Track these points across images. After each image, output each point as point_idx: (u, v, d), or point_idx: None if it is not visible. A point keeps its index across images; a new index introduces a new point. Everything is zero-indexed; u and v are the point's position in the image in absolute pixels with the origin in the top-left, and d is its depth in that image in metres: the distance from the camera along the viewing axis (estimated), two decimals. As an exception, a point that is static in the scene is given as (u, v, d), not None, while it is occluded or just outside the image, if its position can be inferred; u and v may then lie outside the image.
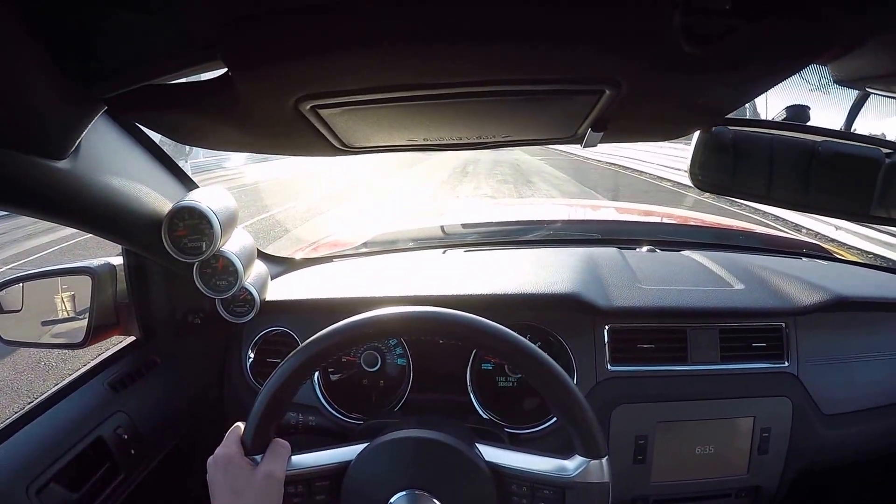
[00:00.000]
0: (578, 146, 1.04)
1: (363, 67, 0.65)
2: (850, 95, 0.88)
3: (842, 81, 0.81)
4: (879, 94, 0.83)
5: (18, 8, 0.54)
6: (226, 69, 0.65)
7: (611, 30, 0.60)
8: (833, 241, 7.93)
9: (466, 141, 1.00)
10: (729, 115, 0.93)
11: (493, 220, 2.26)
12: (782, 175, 1.01)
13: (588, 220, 2.33)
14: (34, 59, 0.60)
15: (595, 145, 0.98)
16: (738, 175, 1.04)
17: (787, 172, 1.01)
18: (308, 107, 0.74)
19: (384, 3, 0.56)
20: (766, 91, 0.79)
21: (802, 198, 1.02)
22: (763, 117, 0.99)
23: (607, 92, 0.73)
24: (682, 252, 1.83)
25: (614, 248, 1.79)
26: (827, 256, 2.05)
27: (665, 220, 2.52)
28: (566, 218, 2.30)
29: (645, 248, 1.85)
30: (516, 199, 11.06)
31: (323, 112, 0.77)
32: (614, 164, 19.06)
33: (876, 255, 7.41)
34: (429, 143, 1.00)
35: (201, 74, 0.69)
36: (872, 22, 0.65)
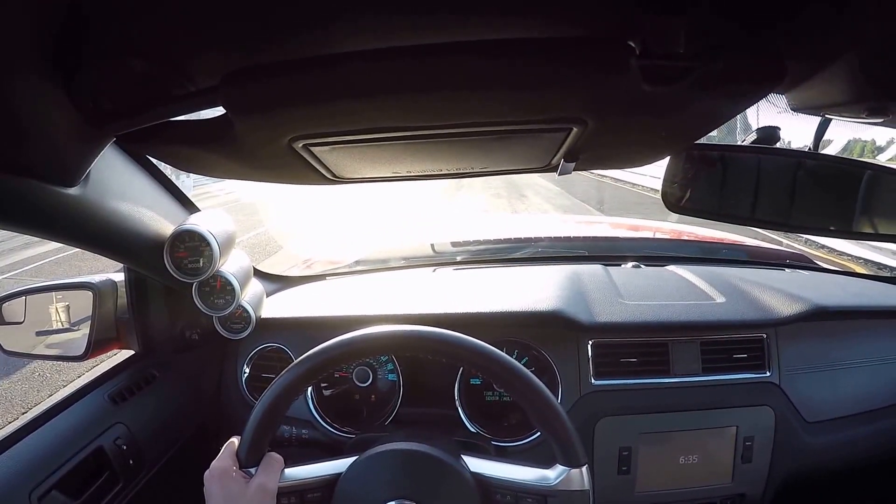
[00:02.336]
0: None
1: (351, 113, 0.69)
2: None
3: (799, 109, 0.85)
4: (839, 119, 0.87)
5: (47, 57, 0.59)
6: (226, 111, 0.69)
7: (573, 75, 0.63)
8: (823, 247, 7.96)
9: (447, 172, 1.03)
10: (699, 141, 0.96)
11: (482, 238, 2.27)
12: (764, 194, 1.03)
13: (575, 238, 2.35)
14: (55, 100, 0.64)
15: (569, 173, 1.00)
16: (714, 196, 1.07)
17: (766, 191, 1.03)
18: (301, 144, 0.78)
19: (369, 57, 0.60)
20: (731, 119, 0.83)
21: (785, 218, 1.04)
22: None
23: (574, 129, 0.77)
24: (666, 267, 1.87)
25: (599, 265, 1.82)
26: (810, 266, 2.09)
27: (651, 236, 2.54)
28: (554, 235, 2.32)
29: (630, 264, 1.88)
30: (506, 215, 10.99)
31: (315, 149, 0.80)
32: (606, 177, 19.00)
33: (867, 259, 7.45)
34: (413, 174, 1.03)
35: (204, 112, 0.74)
36: (820, 55, 0.69)
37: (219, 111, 0.71)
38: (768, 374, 1.45)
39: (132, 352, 1.42)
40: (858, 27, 0.63)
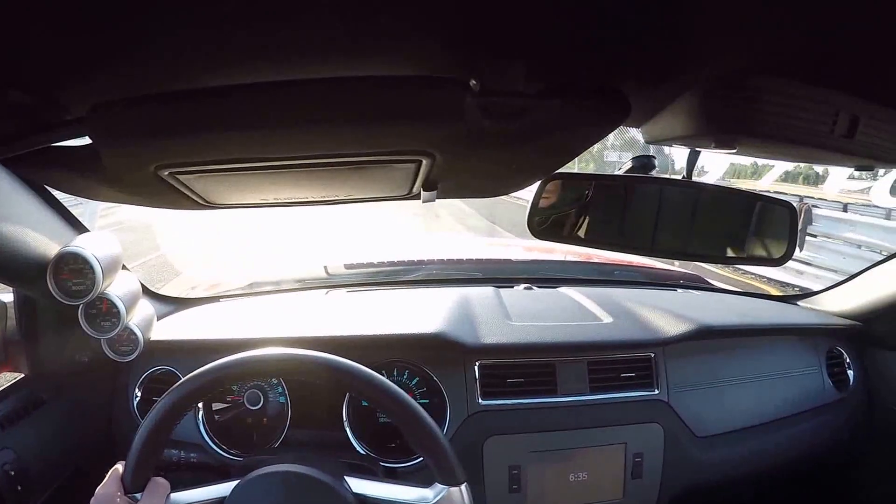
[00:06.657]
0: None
1: (211, 143, 0.72)
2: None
3: (652, 141, 0.90)
4: (695, 150, 0.93)
5: None
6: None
7: (412, 111, 0.67)
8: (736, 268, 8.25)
9: (313, 200, 1.06)
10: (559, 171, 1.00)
11: (376, 261, 2.29)
12: (631, 222, 1.09)
13: (469, 260, 2.39)
14: None
15: (433, 201, 1.03)
16: (577, 223, 1.11)
17: (634, 219, 1.08)
18: (166, 172, 0.79)
19: (228, 92, 0.64)
20: (584, 151, 0.87)
21: (649, 243, 1.10)
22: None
23: (424, 161, 0.80)
24: (558, 289, 1.91)
25: (491, 287, 1.85)
26: (702, 287, 2.18)
27: (546, 258, 2.56)
28: (448, 258, 2.37)
29: (522, 286, 1.92)
30: (403, 236, 11.01)
31: (181, 177, 0.82)
32: (521, 199, 19.12)
33: (770, 278, 7.78)
34: (280, 201, 1.05)
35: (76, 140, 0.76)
36: (659, 96, 0.75)
37: (88, 140, 0.73)
38: (657, 391, 1.51)
39: (21, 375, 1.38)
40: (692, 72, 0.69)
